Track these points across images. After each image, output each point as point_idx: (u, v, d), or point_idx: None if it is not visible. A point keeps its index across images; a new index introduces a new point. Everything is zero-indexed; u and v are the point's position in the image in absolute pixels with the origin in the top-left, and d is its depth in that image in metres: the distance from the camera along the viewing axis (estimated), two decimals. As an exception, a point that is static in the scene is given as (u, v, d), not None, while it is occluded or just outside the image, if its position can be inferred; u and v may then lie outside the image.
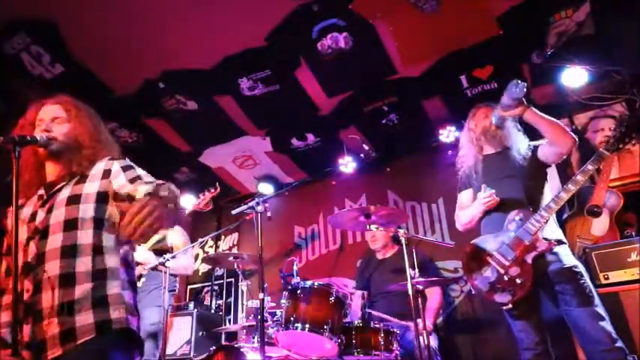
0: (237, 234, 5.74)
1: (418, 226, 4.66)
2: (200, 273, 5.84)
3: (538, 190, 2.70)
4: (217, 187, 3.77)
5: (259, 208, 2.95)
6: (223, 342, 4.46)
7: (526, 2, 3.43)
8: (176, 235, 3.67)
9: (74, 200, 1.64)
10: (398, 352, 2.93)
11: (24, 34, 3.62)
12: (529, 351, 2.50)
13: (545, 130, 2.62)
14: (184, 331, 4.25)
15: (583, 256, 3.04)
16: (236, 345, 3.30)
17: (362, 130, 4.72)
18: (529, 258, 2.48)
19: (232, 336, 4.44)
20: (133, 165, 1.75)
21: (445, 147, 4.45)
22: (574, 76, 3.82)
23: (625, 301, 2.79)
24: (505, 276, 2.50)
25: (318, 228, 5.26)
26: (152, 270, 3.33)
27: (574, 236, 3.39)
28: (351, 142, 4.81)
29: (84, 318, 1.50)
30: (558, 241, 2.54)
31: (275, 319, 3.15)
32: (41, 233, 1.60)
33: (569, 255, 2.55)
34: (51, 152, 1.71)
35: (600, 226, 3.36)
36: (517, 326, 2.57)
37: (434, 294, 3.70)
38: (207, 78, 4.06)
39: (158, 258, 3.33)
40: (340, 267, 4.90)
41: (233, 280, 5.46)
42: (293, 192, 5.03)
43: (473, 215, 2.81)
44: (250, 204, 2.98)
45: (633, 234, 3.35)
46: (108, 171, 1.71)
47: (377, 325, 2.99)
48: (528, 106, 2.59)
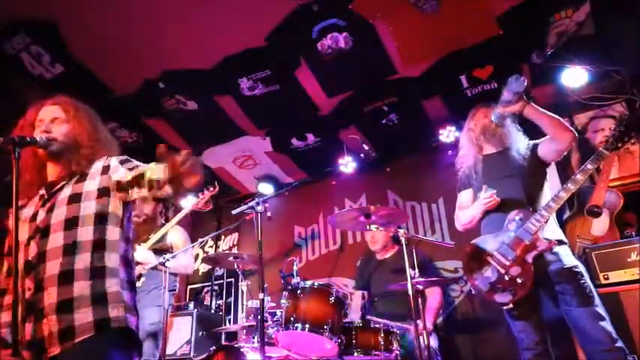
0: (237, 234, 5.73)
1: (418, 226, 4.66)
2: (200, 273, 5.83)
3: (538, 190, 2.70)
4: (216, 186, 3.77)
5: (259, 208, 2.95)
6: (223, 342, 4.45)
7: (526, 2, 3.43)
8: (176, 235, 3.66)
9: (75, 199, 1.66)
10: (398, 352, 2.93)
11: (24, 34, 3.62)
12: (529, 351, 2.50)
13: (546, 126, 2.62)
14: (184, 331, 4.25)
15: (583, 256, 3.04)
16: (236, 345, 3.30)
17: (362, 130, 4.72)
18: (529, 258, 2.48)
19: (232, 336, 4.44)
20: (131, 159, 1.79)
21: (445, 147, 4.45)
22: (574, 76, 3.82)
23: (625, 301, 2.78)
24: (506, 276, 2.50)
25: (318, 228, 5.26)
26: (152, 269, 3.32)
27: (574, 236, 3.39)
28: (351, 142, 4.80)
29: (83, 316, 1.50)
30: (559, 241, 2.54)
31: (275, 319, 3.15)
32: (42, 232, 1.61)
33: (569, 255, 2.55)
34: (51, 153, 1.72)
35: (600, 226, 3.36)
36: (517, 326, 2.57)
37: (434, 294, 3.70)
38: (207, 78, 4.06)
39: (158, 257, 3.32)
40: (340, 267, 4.89)
41: (233, 280, 5.46)
42: (293, 192, 5.04)
43: (473, 215, 2.81)
44: (250, 204, 2.98)
45: (633, 234, 3.34)
46: (107, 167, 1.74)
47: (377, 325, 2.99)
48: (528, 102, 2.60)
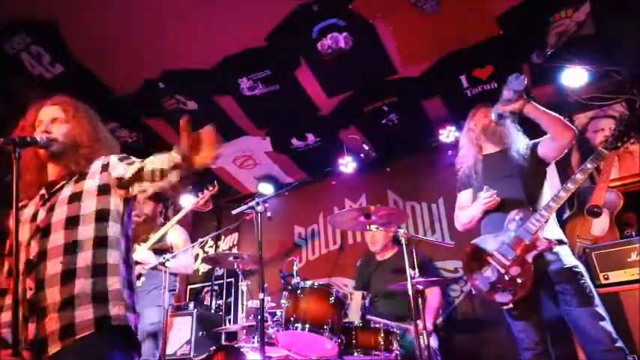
0: (237, 234, 5.74)
1: (418, 226, 4.66)
2: (200, 273, 5.83)
3: (538, 190, 2.70)
4: (216, 185, 3.77)
5: (259, 208, 2.94)
6: (223, 342, 4.46)
7: (526, 2, 3.43)
8: (176, 234, 3.66)
9: (75, 198, 1.66)
10: (398, 352, 2.93)
11: (24, 34, 3.62)
12: (529, 351, 2.50)
13: (546, 124, 2.62)
14: (184, 331, 4.25)
15: (583, 256, 3.04)
16: (236, 345, 3.30)
17: (362, 130, 4.72)
18: (529, 257, 2.48)
19: (232, 336, 4.44)
20: (129, 156, 1.79)
21: (445, 147, 4.45)
22: (574, 76, 3.82)
23: (625, 301, 2.78)
24: (506, 276, 2.50)
25: (318, 228, 5.26)
26: (152, 269, 3.32)
27: (574, 236, 3.38)
28: (351, 142, 4.80)
29: (83, 313, 1.50)
30: (559, 241, 2.54)
31: (275, 319, 3.15)
32: (43, 232, 1.61)
33: (569, 255, 2.55)
34: (51, 153, 1.72)
35: (600, 226, 3.35)
36: (517, 326, 2.57)
37: (434, 294, 3.70)
38: (207, 78, 4.06)
39: (158, 257, 3.32)
40: (340, 267, 4.89)
41: (233, 280, 5.46)
42: (293, 192, 5.04)
43: (473, 215, 2.81)
44: (250, 204, 2.98)
45: (633, 234, 3.34)
46: (106, 164, 1.75)
47: (377, 325, 2.98)
48: (528, 100, 2.60)
